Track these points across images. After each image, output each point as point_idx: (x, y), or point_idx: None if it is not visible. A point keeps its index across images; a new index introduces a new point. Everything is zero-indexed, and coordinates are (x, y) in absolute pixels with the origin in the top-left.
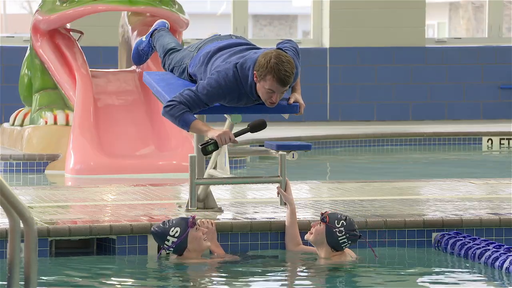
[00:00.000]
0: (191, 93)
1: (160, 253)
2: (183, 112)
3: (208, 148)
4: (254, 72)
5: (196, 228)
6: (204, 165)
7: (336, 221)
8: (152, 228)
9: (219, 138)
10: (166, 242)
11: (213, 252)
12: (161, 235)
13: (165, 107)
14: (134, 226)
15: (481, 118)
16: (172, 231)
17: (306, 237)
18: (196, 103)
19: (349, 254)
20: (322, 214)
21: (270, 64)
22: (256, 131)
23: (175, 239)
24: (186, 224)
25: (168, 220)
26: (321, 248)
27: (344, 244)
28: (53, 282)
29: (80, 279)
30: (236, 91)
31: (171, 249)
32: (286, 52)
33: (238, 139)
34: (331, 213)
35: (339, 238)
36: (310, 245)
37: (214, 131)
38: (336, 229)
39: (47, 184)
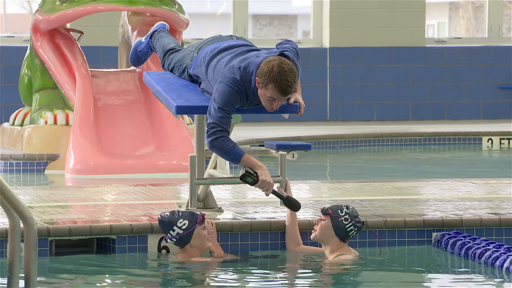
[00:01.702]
0: (220, 112)
1: (161, 242)
2: (233, 145)
3: (247, 179)
4: (256, 78)
5: (204, 227)
6: (204, 165)
7: (339, 210)
8: (160, 215)
9: (262, 183)
10: (171, 232)
11: (213, 252)
12: (168, 224)
13: (212, 140)
14: (134, 226)
15: (481, 118)
16: (180, 222)
17: (312, 237)
18: (228, 119)
19: (353, 252)
20: (322, 209)
21: (273, 74)
22: (289, 207)
23: (181, 231)
24: (195, 220)
25: (178, 211)
26: (328, 243)
27: (351, 232)
28: (53, 282)
29: (80, 279)
30: (244, 93)
31: (174, 239)
32: (288, 55)
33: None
34: (332, 206)
35: (346, 226)
36: (312, 245)
37: (264, 173)
38: (342, 218)
39: (47, 184)
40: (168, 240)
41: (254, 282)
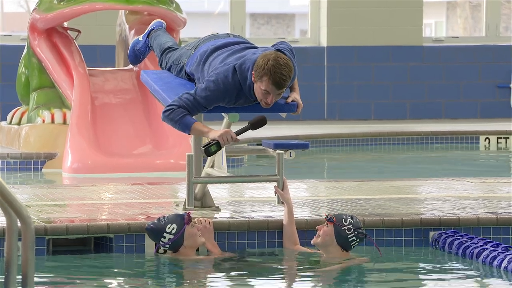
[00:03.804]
0: (190, 97)
1: (157, 248)
2: (183, 115)
3: (211, 148)
4: (252, 72)
5: (192, 225)
6: (202, 164)
7: (343, 220)
8: (147, 225)
9: (221, 138)
10: (162, 239)
11: (210, 251)
12: (157, 232)
13: (164, 111)
14: (131, 224)
15: (479, 117)
16: (169, 228)
17: (313, 242)
18: (195, 107)
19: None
20: (327, 216)
21: (268, 66)
22: (257, 128)
23: (171, 236)
24: (183, 220)
25: (163, 217)
26: (328, 251)
27: (353, 243)
28: (50, 281)
29: (78, 278)
30: (234, 92)
31: (167, 246)
32: (284, 53)
33: (239, 137)
34: (337, 214)
35: (348, 236)
36: (311, 246)
37: (215, 132)
38: (345, 227)
39: (45, 182)
40: (162, 248)
41: (251, 281)
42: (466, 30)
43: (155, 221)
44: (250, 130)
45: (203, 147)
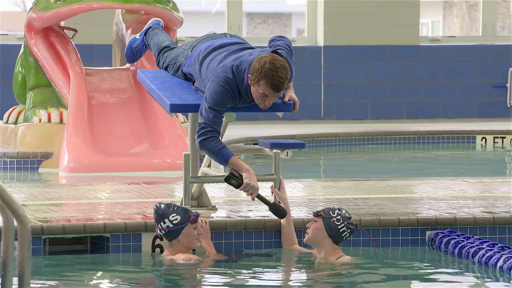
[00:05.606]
0: (211, 112)
1: (154, 245)
2: (222, 147)
3: (232, 181)
4: (249, 75)
5: (195, 227)
6: (198, 163)
7: (331, 212)
8: (156, 204)
9: (246, 186)
10: (161, 223)
11: (206, 251)
12: (161, 215)
13: (202, 140)
14: (128, 224)
15: (475, 116)
16: (173, 216)
17: (304, 240)
18: (219, 119)
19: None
20: (314, 212)
21: (264, 70)
22: (274, 214)
23: (171, 225)
24: (188, 217)
25: (174, 205)
26: (321, 247)
27: (344, 234)
28: (47, 281)
29: (74, 277)
30: (236, 92)
31: (163, 231)
32: (280, 53)
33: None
34: (324, 208)
35: (339, 227)
36: (307, 246)
37: (249, 176)
38: (334, 219)
39: (41, 182)
40: (158, 231)
41: (247, 282)
42: (462, 30)
43: (166, 204)
44: (269, 209)
45: (230, 173)
